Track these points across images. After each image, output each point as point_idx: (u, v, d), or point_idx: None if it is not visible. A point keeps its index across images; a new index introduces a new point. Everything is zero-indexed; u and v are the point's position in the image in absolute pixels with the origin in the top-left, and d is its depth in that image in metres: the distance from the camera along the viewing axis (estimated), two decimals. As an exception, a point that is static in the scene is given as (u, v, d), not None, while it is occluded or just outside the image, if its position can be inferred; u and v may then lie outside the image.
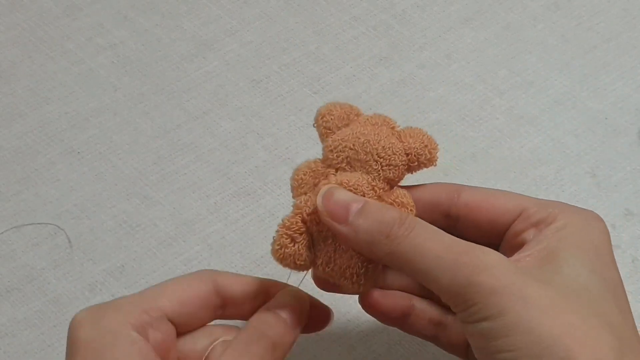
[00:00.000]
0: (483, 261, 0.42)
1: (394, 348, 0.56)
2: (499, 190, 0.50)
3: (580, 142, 0.66)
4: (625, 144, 0.66)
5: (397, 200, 0.48)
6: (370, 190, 0.47)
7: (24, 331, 0.58)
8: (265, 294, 0.48)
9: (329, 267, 0.47)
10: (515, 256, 0.45)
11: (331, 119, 0.49)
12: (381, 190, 0.48)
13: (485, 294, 0.42)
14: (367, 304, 0.49)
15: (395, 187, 0.49)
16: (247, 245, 0.61)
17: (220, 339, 0.47)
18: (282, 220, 0.47)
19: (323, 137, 0.49)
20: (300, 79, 0.69)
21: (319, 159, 0.49)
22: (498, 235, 0.48)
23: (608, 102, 0.68)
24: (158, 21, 0.73)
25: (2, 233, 0.62)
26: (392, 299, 0.49)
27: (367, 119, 0.50)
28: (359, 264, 0.47)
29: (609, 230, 0.47)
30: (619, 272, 0.45)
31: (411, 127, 0.49)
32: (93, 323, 0.44)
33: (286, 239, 0.47)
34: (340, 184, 0.47)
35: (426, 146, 0.49)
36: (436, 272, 0.43)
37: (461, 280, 0.42)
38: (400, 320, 0.50)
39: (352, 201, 0.46)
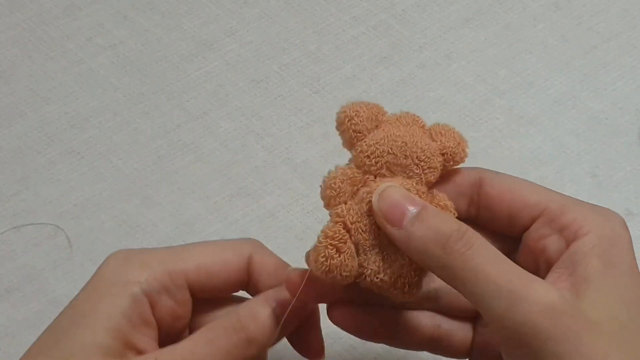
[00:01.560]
0: (541, 299, 0.40)
1: (394, 348, 0.56)
2: (523, 181, 0.47)
3: (580, 142, 0.66)
4: (625, 144, 0.66)
5: (439, 204, 0.45)
6: (415, 195, 0.44)
7: (24, 331, 0.58)
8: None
9: (378, 278, 0.44)
10: (549, 279, 0.43)
11: (360, 120, 0.46)
12: (424, 195, 0.45)
13: (542, 338, 0.40)
14: (335, 320, 0.47)
15: (433, 190, 0.46)
16: (247, 245, 0.61)
17: None
18: (323, 231, 0.43)
19: (353, 141, 0.46)
20: (300, 79, 0.69)
21: (350, 165, 0.46)
22: (518, 231, 0.46)
23: (608, 102, 0.68)
24: (158, 21, 0.73)
25: (2, 233, 0.62)
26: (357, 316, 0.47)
27: (397, 119, 0.47)
28: (412, 272, 0.44)
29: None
30: None
31: (439, 124, 0.47)
32: (115, 272, 0.44)
33: (331, 249, 0.43)
34: None
35: (459, 144, 0.46)
36: (490, 300, 0.40)
37: (516, 317, 0.40)
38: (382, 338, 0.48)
39: (409, 203, 0.43)
